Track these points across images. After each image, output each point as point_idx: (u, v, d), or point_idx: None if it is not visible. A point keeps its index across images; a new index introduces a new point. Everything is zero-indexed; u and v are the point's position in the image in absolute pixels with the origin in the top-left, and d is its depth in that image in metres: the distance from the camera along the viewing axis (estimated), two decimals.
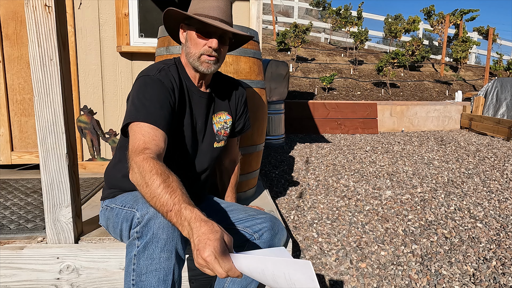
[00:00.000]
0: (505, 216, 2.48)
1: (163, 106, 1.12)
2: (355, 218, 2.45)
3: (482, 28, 12.05)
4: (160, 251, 0.96)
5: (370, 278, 1.76)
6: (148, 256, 0.96)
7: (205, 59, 1.19)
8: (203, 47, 1.18)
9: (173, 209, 0.85)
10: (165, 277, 0.96)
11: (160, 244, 0.96)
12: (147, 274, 0.96)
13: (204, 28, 1.16)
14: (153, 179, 0.90)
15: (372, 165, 3.78)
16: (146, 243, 0.96)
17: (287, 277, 0.74)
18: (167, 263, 0.96)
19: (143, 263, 0.96)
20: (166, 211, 0.86)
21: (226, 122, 1.40)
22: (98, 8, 2.64)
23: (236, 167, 1.58)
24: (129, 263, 0.99)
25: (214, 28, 1.16)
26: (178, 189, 0.89)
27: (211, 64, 1.20)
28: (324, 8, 12.71)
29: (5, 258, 1.37)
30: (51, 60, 1.27)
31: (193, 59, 1.20)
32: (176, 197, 0.86)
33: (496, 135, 5.67)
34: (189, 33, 1.20)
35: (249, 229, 1.27)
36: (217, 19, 1.17)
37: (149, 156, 0.97)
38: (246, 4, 2.68)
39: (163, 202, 0.87)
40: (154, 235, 0.95)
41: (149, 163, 0.94)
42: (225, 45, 1.23)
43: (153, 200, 0.89)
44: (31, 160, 2.65)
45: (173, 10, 1.19)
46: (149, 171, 0.92)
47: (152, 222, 0.96)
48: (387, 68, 7.85)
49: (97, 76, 2.71)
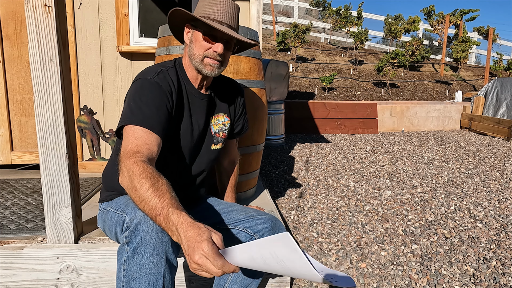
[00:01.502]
0: (505, 216, 2.48)
1: (159, 110, 1.11)
2: (355, 218, 2.45)
3: (482, 28, 12.05)
4: (149, 256, 0.94)
5: (370, 278, 1.76)
6: (137, 261, 0.94)
7: (208, 62, 1.18)
8: (207, 50, 1.17)
9: (161, 213, 0.84)
10: (155, 282, 0.94)
11: (149, 249, 0.94)
12: (137, 280, 0.94)
13: (211, 32, 1.16)
14: (142, 182, 0.89)
15: (372, 165, 3.78)
16: (135, 248, 0.94)
17: (273, 255, 0.74)
18: (157, 268, 0.94)
19: (132, 269, 0.95)
20: (155, 215, 0.85)
21: (225, 124, 1.39)
22: (98, 8, 2.64)
23: (235, 168, 1.58)
24: (120, 268, 0.98)
25: (221, 33, 1.15)
26: (167, 192, 0.88)
27: (215, 68, 1.19)
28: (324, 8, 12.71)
29: (5, 258, 1.37)
30: (51, 60, 1.27)
31: (196, 61, 1.20)
32: (165, 201, 0.85)
33: (496, 135, 5.67)
34: (195, 34, 1.19)
35: (249, 230, 1.26)
36: (225, 25, 1.16)
37: (140, 159, 0.96)
38: (246, 4, 2.68)
39: (152, 206, 0.86)
40: (143, 240, 0.94)
41: (139, 167, 0.93)
42: (230, 50, 1.23)
43: (142, 204, 0.88)
44: (31, 160, 2.65)
45: (181, 11, 1.18)
46: (138, 175, 0.91)
47: (140, 226, 0.95)
48: (387, 68, 7.85)
49: (97, 76, 2.71)
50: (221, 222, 1.30)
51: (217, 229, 0.98)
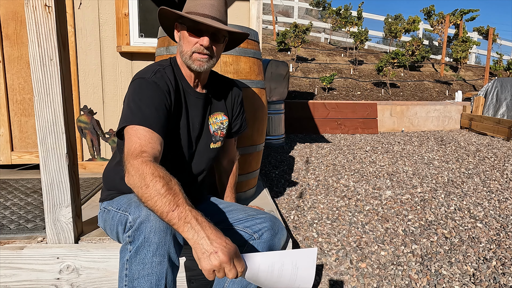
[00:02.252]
0: (505, 216, 2.48)
1: (159, 109, 1.11)
2: (355, 218, 2.45)
3: (482, 28, 12.04)
4: (152, 255, 0.94)
5: (370, 278, 1.76)
6: (140, 260, 0.95)
7: (196, 57, 1.18)
8: (194, 45, 1.17)
9: (176, 209, 0.84)
10: (158, 282, 0.95)
11: (152, 248, 0.94)
12: (139, 279, 0.95)
13: (196, 26, 1.15)
14: (155, 181, 0.89)
15: (372, 165, 3.78)
16: (138, 247, 0.95)
17: (293, 264, 0.83)
18: (159, 268, 0.95)
19: (135, 268, 0.95)
20: (167, 211, 0.85)
21: (223, 123, 1.39)
22: (98, 8, 2.64)
23: (234, 167, 1.58)
24: (122, 268, 0.98)
25: (205, 26, 1.14)
26: (180, 192, 0.89)
27: (203, 62, 1.18)
28: (324, 8, 12.71)
29: (5, 258, 1.37)
30: (51, 60, 1.27)
31: (186, 57, 1.19)
32: (180, 199, 0.86)
33: (496, 135, 5.67)
34: (182, 32, 1.20)
35: (249, 229, 1.26)
36: (209, 17, 1.15)
37: (147, 159, 0.96)
38: (246, 4, 2.68)
39: (165, 202, 0.85)
40: (146, 239, 0.94)
41: (149, 166, 0.93)
42: (219, 43, 1.21)
43: (153, 200, 0.87)
44: (31, 160, 2.65)
45: (165, 9, 1.18)
46: (150, 173, 0.90)
47: (143, 226, 0.95)
48: (387, 68, 7.85)
49: (97, 76, 2.71)
50: (221, 222, 1.30)
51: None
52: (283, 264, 0.82)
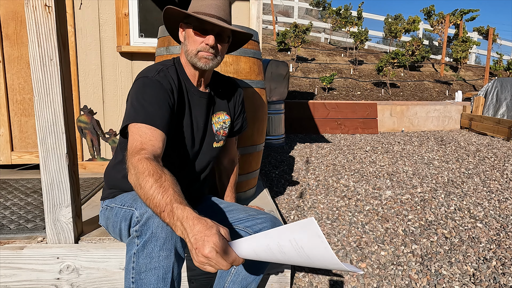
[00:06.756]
0: (505, 216, 2.48)
1: (162, 107, 1.13)
2: (355, 218, 2.45)
3: (482, 28, 12.04)
4: (159, 249, 0.96)
5: (370, 278, 1.76)
6: (147, 254, 0.97)
7: (202, 55, 1.19)
8: (200, 44, 1.19)
9: (165, 209, 0.84)
10: (164, 275, 0.97)
11: (159, 243, 0.96)
12: (146, 272, 0.97)
13: (202, 26, 1.17)
14: (146, 180, 0.89)
15: (372, 165, 3.78)
16: (145, 241, 0.97)
17: (293, 243, 0.70)
18: (166, 261, 0.97)
19: (142, 261, 0.97)
20: (159, 212, 0.85)
21: (225, 122, 1.40)
22: (98, 8, 2.64)
23: (235, 167, 1.59)
24: (129, 261, 1.00)
25: (211, 26, 1.17)
26: (170, 188, 0.87)
27: (209, 60, 1.20)
28: (324, 8, 12.71)
29: (5, 258, 1.38)
30: (51, 60, 1.27)
31: (191, 56, 1.21)
32: (168, 196, 0.85)
33: (496, 135, 5.67)
34: (187, 31, 1.21)
35: (249, 229, 1.27)
36: (215, 17, 1.18)
37: (144, 156, 0.97)
38: (246, 4, 2.68)
39: (156, 203, 0.86)
40: (153, 234, 0.96)
41: (143, 164, 0.93)
42: (224, 43, 1.23)
43: (148, 201, 0.89)
44: (31, 160, 2.65)
45: (172, 9, 1.20)
46: (142, 173, 0.91)
47: (151, 221, 0.97)
48: (387, 68, 7.85)
49: (97, 76, 2.71)
50: (221, 221, 1.30)
51: None
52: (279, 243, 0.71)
